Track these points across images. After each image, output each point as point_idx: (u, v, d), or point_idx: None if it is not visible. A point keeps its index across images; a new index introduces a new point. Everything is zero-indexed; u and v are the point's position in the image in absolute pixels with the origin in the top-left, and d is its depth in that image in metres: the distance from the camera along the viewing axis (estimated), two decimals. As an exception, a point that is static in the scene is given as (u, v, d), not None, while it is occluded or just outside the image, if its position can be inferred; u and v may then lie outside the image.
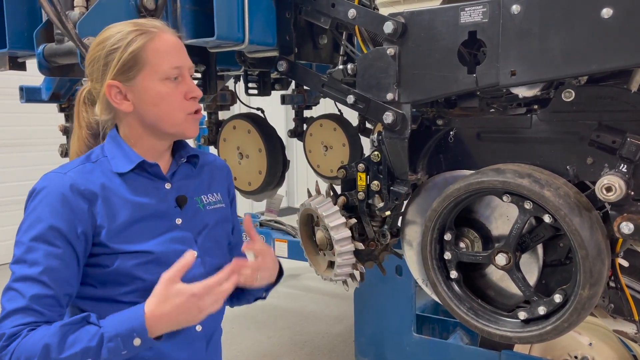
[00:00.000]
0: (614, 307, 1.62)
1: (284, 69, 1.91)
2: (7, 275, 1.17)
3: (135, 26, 1.25)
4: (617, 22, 1.23)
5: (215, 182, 1.44)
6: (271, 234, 4.13)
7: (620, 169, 1.36)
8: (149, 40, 1.23)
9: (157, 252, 1.24)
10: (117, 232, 1.21)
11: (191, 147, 1.42)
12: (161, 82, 1.24)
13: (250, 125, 3.23)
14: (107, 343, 1.09)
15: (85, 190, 1.20)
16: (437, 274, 1.64)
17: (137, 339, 1.10)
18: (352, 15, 1.67)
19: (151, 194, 1.28)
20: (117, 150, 1.28)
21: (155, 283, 1.18)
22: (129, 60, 1.22)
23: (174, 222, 1.30)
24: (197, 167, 1.41)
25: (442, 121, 1.71)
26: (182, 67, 1.26)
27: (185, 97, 1.26)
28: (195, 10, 1.76)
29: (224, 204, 1.44)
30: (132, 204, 1.24)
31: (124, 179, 1.26)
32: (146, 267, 1.22)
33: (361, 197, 1.81)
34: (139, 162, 1.27)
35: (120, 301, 1.21)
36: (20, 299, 1.12)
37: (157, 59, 1.23)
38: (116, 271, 1.20)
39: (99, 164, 1.26)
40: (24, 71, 2.25)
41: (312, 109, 4.32)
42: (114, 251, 1.20)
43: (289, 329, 4.33)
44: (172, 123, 1.27)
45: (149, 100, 1.25)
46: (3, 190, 6.24)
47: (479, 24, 1.41)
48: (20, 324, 1.10)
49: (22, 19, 1.99)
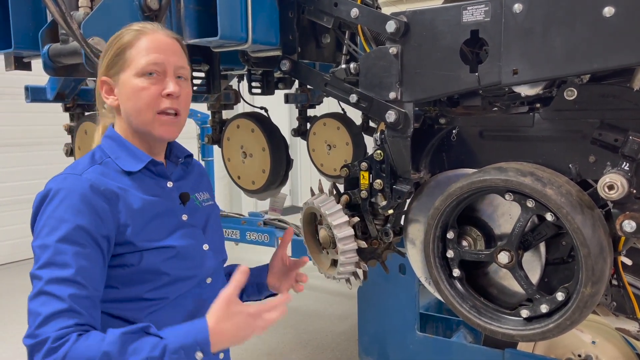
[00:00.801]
0: (616, 305, 1.62)
1: (287, 68, 1.92)
2: (14, 274, 1.17)
3: (131, 26, 1.30)
4: (619, 21, 1.23)
5: (202, 183, 1.50)
6: (275, 232, 4.14)
7: (623, 167, 1.36)
8: (136, 38, 1.27)
9: (178, 246, 1.27)
10: (139, 229, 1.23)
11: (182, 146, 1.45)
12: (137, 77, 1.25)
13: (254, 124, 3.24)
14: (170, 354, 1.07)
15: (106, 190, 1.21)
16: (440, 272, 1.64)
17: (200, 353, 1.10)
18: (355, 14, 1.68)
19: (158, 192, 1.31)
20: (120, 150, 1.30)
21: (178, 277, 1.24)
22: (115, 55, 1.27)
23: (181, 218, 1.33)
24: (189, 167, 1.46)
25: (444, 120, 1.71)
26: (162, 64, 1.26)
27: (162, 94, 1.26)
28: (198, 10, 1.77)
29: (212, 201, 1.49)
30: (145, 202, 1.26)
31: (132, 178, 1.28)
32: (171, 262, 1.25)
33: (364, 196, 1.82)
34: (148, 161, 1.29)
35: (145, 299, 1.23)
36: (58, 301, 1.08)
37: (137, 54, 1.25)
38: (142, 269, 1.22)
39: (105, 164, 1.27)
40: (29, 71, 2.27)
41: (316, 108, 4.33)
42: (139, 249, 1.21)
43: (292, 328, 4.35)
44: (141, 120, 1.27)
45: (125, 95, 1.27)
46: (8, 189, 6.28)
47: (481, 23, 1.41)
48: (64, 327, 1.06)
49: (27, 19, 2.00)
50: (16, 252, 6.34)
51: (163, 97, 1.26)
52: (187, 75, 1.32)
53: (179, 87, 1.27)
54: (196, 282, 1.32)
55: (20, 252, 6.35)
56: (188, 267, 1.29)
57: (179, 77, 1.30)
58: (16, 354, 3.97)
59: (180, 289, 1.28)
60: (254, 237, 4.27)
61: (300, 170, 8.76)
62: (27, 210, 1.27)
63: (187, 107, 1.33)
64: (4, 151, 6.21)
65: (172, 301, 1.27)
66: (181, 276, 1.27)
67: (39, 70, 1.97)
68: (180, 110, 1.29)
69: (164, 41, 1.29)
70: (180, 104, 1.29)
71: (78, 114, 2.98)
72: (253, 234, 4.29)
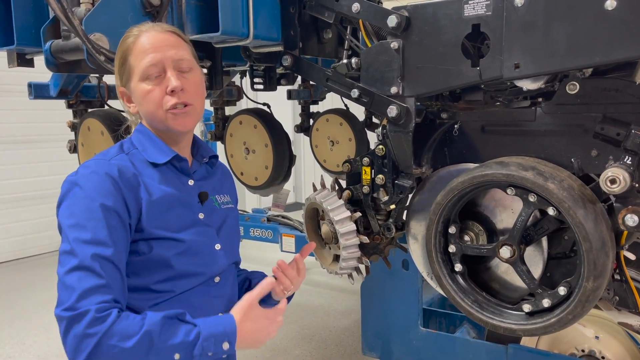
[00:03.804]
0: (619, 299, 1.62)
1: (289, 64, 1.92)
2: (20, 271, 1.19)
3: (130, 31, 1.33)
4: (621, 14, 1.22)
5: (225, 185, 1.53)
6: (278, 229, 4.15)
7: (625, 161, 1.36)
8: (132, 43, 1.30)
9: (188, 241, 1.29)
10: (155, 217, 1.26)
11: (209, 147, 1.49)
12: (142, 82, 1.29)
13: (257, 120, 3.24)
14: (202, 341, 1.15)
15: (132, 177, 1.26)
16: (442, 267, 1.64)
17: (226, 343, 1.19)
18: (356, 9, 1.67)
19: (178, 187, 1.34)
20: (148, 143, 1.34)
21: (186, 272, 1.28)
22: (121, 65, 1.33)
23: (197, 216, 1.35)
24: (214, 167, 1.48)
25: (446, 114, 1.71)
26: (160, 62, 1.28)
27: (166, 92, 1.28)
28: (200, 5, 1.77)
29: (232, 205, 1.52)
30: (165, 193, 1.30)
31: (157, 170, 1.32)
32: (180, 256, 1.28)
33: (366, 191, 1.82)
34: (173, 156, 1.33)
35: (152, 290, 1.26)
36: (95, 277, 1.12)
37: (136, 61, 1.29)
38: (152, 259, 1.25)
39: (132, 155, 1.32)
40: (32, 68, 2.28)
41: (319, 104, 4.33)
42: (151, 236, 1.24)
43: (296, 323, 4.35)
44: (156, 120, 1.32)
45: (137, 101, 1.33)
46: (14, 186, 6.30)
47: (483, 17, 1.41)
48: (103, 301, 1.11)
49: (29, 16, 2.01)
50: (22, 249, 6.38)
51: (168, 94, 1.28)
52: (190, 65, 1.33)
53: (180, 81, 1.28)
54: (204, 279, 1.34)
55: (26, 249, 6.39)
56: (197, 264, 1.31)
57: (181, 70, 1.30)
58: (23, 349, 3.99)
59: (187, 284, 1.30)
60: (257, 233, 4.28)
61: (303, 167, 8.76)
62: (31, 207, 1.30)
63: (197, 95, 1.34)
64: (8, 148, 6.23)
65: (178, 295, 1.29)
66: (189, 272, 1.29)
67: (42, 67, 1.98)
68: (190, 100, 1.31)
69: (159, 38, 1.29)
70: (188, 95, 1.30)
71: (81, 111, 2.98)
72: (257, 230, 4.30)
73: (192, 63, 1.34)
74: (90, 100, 2.99)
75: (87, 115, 2.83)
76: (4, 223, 6.24)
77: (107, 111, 2.82)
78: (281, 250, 4.14)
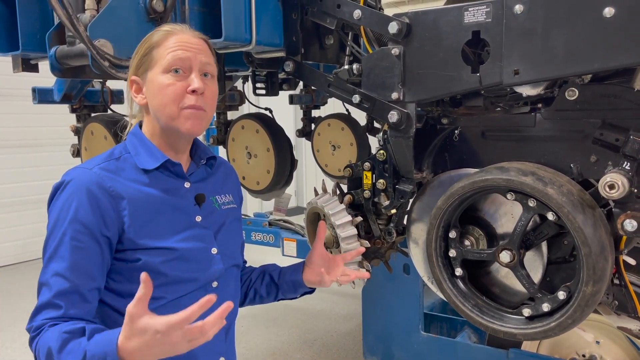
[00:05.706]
0: (618, 304, 1.63)
1: (291, 69, 1.94)
2: (22, 274, 1.21)
3: (161, 28, 1.33)
4: (619, 21, 1.24)
5: (227, 184, 1.50)
6: (280, 233, 4.15)
7: (624, 166, 1.37)
8: (163, 38, 1.29)
9: (180, 248, 1.27)
10: (141, 227, 1.24)
11: (207, 148, 1.47)
12: (164, 73, 1.27)
13: (259, 124, 3.25)
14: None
15: (111, 188, 1.23)
16: (442, 271, 1.65)
17: None
18: (358, 16, 1.69)
19: (172, 191, 1.32)
20: (141, 147, 1.32)
21: (178, 279, 1.26)
22: (144, 55, 1.30)
23: (194, 219, 1.34)
24: (213, 168, 1.46)
25: (447, 120, 1.72)
26: (188, 60, 1.27)
27: (187, 91, 1.26)
28: (203, 11, 1.79)
29: (235, 204, 1.49)
30: (155, 200, 1.28)
31: (149, 175, 1.30)
32: (171, 263, 1.26)
33: (367, 196, 1.83)
34: (164, 160, 1.31)
35: None
36: (48, 293, 1.17)
37: (164, 52, 1.27)
38: (142, 267, 1.22)
39: (123, 160, 1.30)
40: (37, 73, 2.30)
41: (320, 109, 4.34)
42: (138, 247, 1.23)
43: (297, 327, 4.36)
44: (167, 116, 1.28)
45: (152, 92, 1.29)
46: (15, 190, 6.32)
47: (483, 24, 1.42)
48: (45, 318, 1.16)
49: (34, 21, 2.03)
50: (25, 252, 6.39)
51: (188, 93, 1.26)
52: (213, 73, 1.33)
53: (203, 83, 1.28)
54: (199, 285, 1.31)
55: (28, 252, 6.40)
56: (191, 270, 1.29)
57: (205, 74, 1.30)
58: (25, 353, 4.00)
59: (180, 290, 1.28)
60: (259, 237, 4.28)
61: (305, 171, 8.77)
62: (34, 210, 1.32)
63: (212, 104, 1.33)
64: (11, 152, 6.26)
65: (171, 302, 1.27)
66: (181, 278, 1.27)
67: (46, 72, 2.00)
68: (205, 106, 1.30)
69: (192, 40, 1.30)
70: (206, 100, 1.29)
71: (85, 115, 3.00)
72: (258, 235, 4.30)
73: (215, 72, 1.34)
74: (93, 105, 3.01)
75: (90, 120, 2.85)
76: (6, 226, 6.25)
77: (110, 115, 2.84)
78: (283, 255, 4.14)
